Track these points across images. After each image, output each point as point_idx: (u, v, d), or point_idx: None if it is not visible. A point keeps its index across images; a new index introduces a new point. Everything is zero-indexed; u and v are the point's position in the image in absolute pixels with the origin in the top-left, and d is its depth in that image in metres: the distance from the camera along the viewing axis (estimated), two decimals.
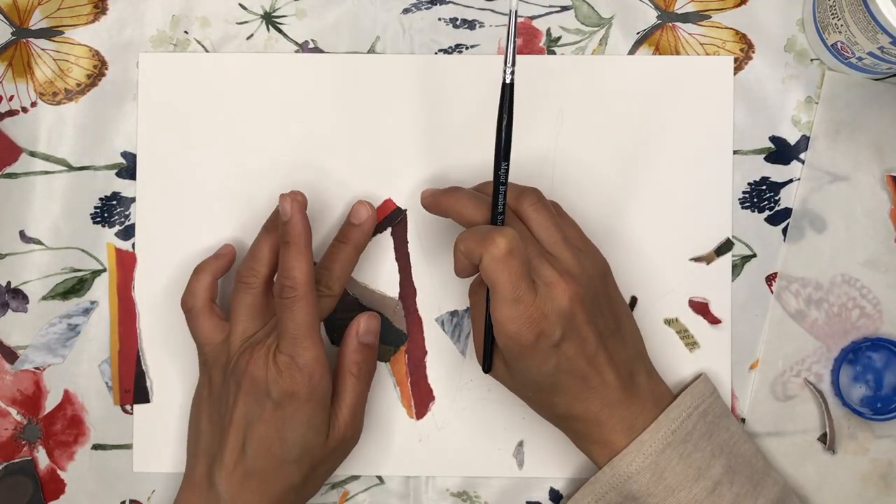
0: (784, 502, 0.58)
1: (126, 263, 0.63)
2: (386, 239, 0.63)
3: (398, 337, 0.63)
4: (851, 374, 0.63)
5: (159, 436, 0.63)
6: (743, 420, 0.63)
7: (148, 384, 0.63)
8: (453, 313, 0.63)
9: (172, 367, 0.63)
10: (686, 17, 0.63)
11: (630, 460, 0.56)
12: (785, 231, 0.63)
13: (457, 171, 0.63)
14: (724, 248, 0.63)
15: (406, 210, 0.63)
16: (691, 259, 0.63)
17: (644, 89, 0.63)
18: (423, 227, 0.63)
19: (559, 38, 0.63)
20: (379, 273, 0.63)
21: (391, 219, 0.63)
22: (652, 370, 0.59)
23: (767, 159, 0.63)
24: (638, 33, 0.63)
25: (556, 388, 0.56)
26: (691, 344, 0.63)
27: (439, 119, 0.63)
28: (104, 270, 0.63)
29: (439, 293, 0.63)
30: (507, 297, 0.53)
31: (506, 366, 0.57)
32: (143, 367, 0.63)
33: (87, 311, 0.63)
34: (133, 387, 0.63)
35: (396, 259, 0.63)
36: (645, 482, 0.55)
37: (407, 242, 0.63)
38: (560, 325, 0.54)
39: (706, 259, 0.63)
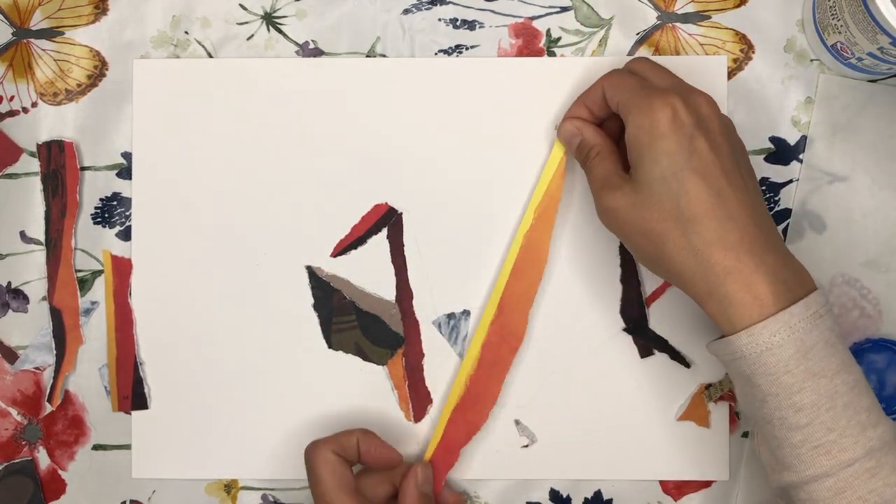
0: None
1: (122, 269, 0.63)
2: (382, 242, 0.63)
3: (395, 340, 0.63)
4: None
5: (158, 442, 0.63)
6: (745, 434, 0.63)
7: (146, 391, 0.63)
8: (450, 315, 0.63)
9: (170, 374, 0.63)
10: (686, 18, 0.63)
11: (776, 329, 0.49)
12: (785, 231, 0.63)
13: (454, 173, 0.63)
14: None
15: (402, 213, 0.63)
16: None
17: None
18: (419, 230, 0.63)
19: (559, 38, 0.63)
20: (375, 276, 0.63)
21: (386, 220, 0.63)
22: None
23: (767, 160, 0.63)
24: (638, 34, 0.63)
25: (688, 197, 0.51)
26: None
27: (436, 121, 0.63)
28: (104, 271, 0.63)
29: (436, 296, 0.63)
30: (642, 87, 0.54)
31: (629, 186, 0.53)
32: (141, 374, 0.63)
33: (87, 312, 0.63)
34: (131, 393, 0.63)
35: (392, 262, 0.63)
36: (785, 358, 0.49)
37: (403, 245, 0.63)
38: (694, 117, 0.52)
39: None
